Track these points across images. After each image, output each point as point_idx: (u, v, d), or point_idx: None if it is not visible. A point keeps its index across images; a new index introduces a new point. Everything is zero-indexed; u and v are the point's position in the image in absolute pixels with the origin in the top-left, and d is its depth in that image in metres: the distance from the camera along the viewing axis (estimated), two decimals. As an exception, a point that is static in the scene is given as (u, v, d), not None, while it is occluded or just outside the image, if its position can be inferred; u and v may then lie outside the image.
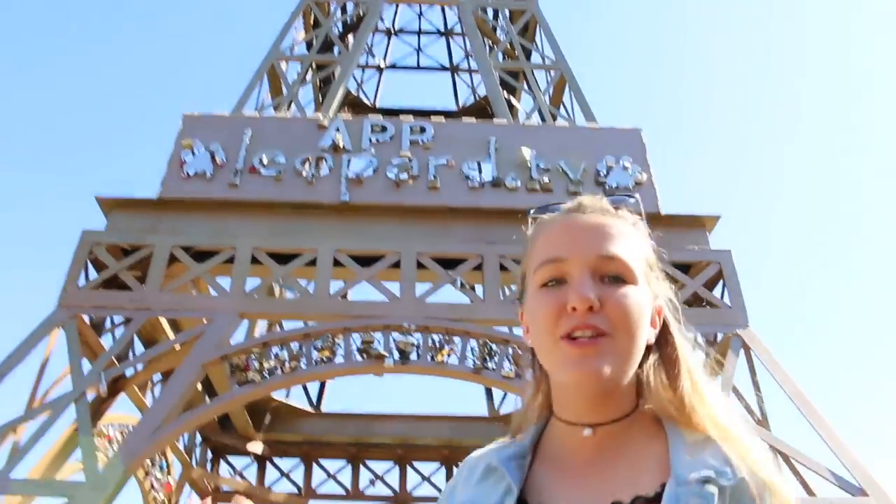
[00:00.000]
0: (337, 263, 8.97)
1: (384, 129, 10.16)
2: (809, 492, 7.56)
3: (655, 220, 8.14)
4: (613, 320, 1.07)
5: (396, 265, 9.01)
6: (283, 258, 9.05)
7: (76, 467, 8.04)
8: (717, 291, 8.82)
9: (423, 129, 10.16)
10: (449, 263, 9.08)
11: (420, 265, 8.98)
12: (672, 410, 1.17)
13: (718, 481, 1.03)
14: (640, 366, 1.15)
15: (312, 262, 8.99)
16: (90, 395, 7.87)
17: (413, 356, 8.31)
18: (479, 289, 9.96)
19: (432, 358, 8.30)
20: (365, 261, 9.06)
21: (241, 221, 9.23)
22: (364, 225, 9.34)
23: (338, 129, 9.95)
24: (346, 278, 10.10)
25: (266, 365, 8.03)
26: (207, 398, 10.97)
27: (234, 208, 9.31)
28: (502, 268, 9.01)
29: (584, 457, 1.16)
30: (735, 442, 1.10)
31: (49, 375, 8.14)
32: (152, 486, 10.51)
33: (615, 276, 1.11)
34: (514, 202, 9.49)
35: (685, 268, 8.98)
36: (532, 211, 1.27)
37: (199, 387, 10.82)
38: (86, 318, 8.40)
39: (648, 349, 1.17)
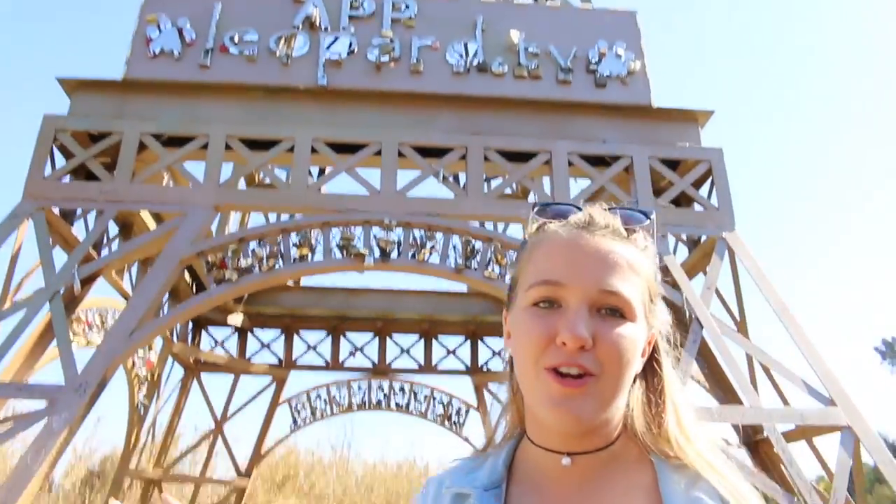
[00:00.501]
0: (314, 152, 8.63)
1: (364, 4, 9.50)
2: (784, 401, 7.72)
3: (646, 113, 7.85)
4: (603, 362, 1.03)
5: (377, 154, 8.68)
6: (258, 145, 8.68)
7: (52, 355, 8.02)
8: (704, 191, 8.62)
9: (406, 6, 9.51)
10: (432, 153, 8.77)
11: (401, 155, 8.66)
12: (659, 444, 1.13)
13: None
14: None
15: (290, 150, 8.63)
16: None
17: (394, 254, 8.17)
18: (461, 177, 9.75)
19: (413, 256, 8.17)
20: (344, 149, 8.72)
21: (213, 106, 8.76)
22: (343, 111, 8.91)
23: (314, 5, 9.29)
24: (323, 166, 9.82)
25: (243, 262, 7.87)
26: (190, 281, 10.93)
27: (206, 91, 8.81)
28: (486, 159, 8.72)
29: (567, 488, 1.12)
30: (724, 479, 1.07)
31: (21, 269, 7.95)
32: (134, 364, 10.60)
33: (613, 309, 1.05)
34: (500, 90, 9.05)
35: (674, 164, 8.73)
36: (535, 209, 1.18)
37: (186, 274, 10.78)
38: (55, 209, 8.11)
39: (635, 378, 1.13)
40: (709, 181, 8.59)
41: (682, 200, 8.73)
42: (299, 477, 27.62)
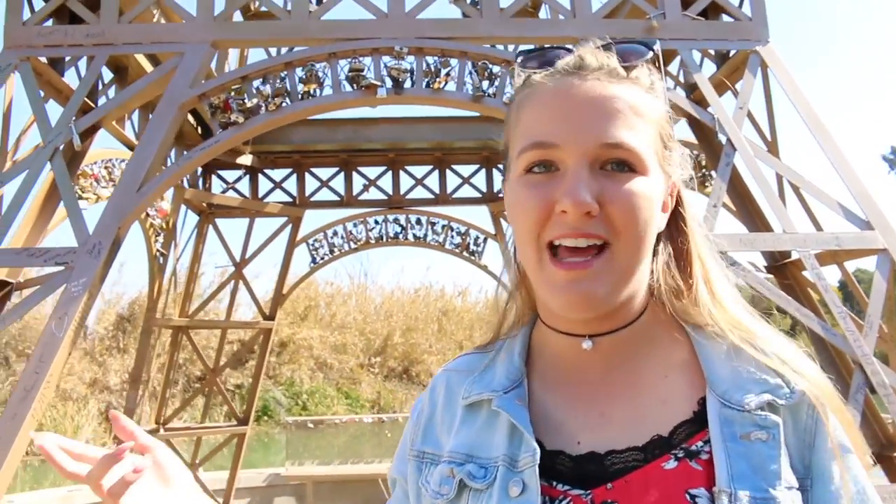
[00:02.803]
0: (313, -25, 7.91)
1: None
2: (817, 226, 7.43)
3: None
4: (617, 224, 0.90)
5: (381, -26, 7.93)
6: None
7: (62, 215, 7.77)
8: (734, 0, 7.91)
9: None
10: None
11: (407, -28, 7.92)
12: (690, 312, 1.01)
13: (777, 402, 0.90)
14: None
15: (285, -26, 7.90)
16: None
17: (407, 84, 7.65)
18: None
19: (428, 85, 7.66)
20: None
21: (198, -71, 7.92)
22: (340, -73, 8.07)
23: None
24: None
25: (248, 103, 7.39)
26: (195, 124, 10.46)
27: (188, -87, 7.95)
28: (500, -27, 7.97)
29: (593, 375, 1.00)
30: (768, 348, 0.95)
31: (16, 127, 7.52)
32: (148, 214, 10.37)
33: (620, 163, 0.91)
34: None
35: (704, -31, 7.96)
36: (518, 59, 1.03)
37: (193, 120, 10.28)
38: (42, 59, 7.53)
39: (659, 237, 1.01)
40: (741, -11, 7.88)
41: (711, 12, 8.04)
42: (320, 308, 28.39)
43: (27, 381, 5.74)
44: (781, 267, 8.03)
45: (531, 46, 1.03)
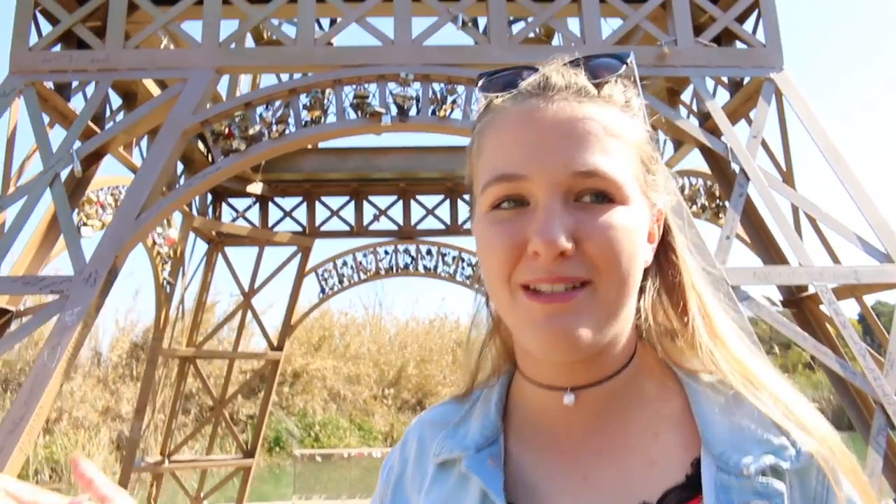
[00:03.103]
0: (321, 1, 7.85)
1: None
2: (834, 259, 7.20)
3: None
4: (596, 262, 0.80)
5: (388, 1, 7.87)
6: (257, -2, 7.89)
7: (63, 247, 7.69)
8: (748, 26, 7.76)
9: None
10: (448, -3, 7.95)
11: (416, 0, 7.86)
12: (684, 356, 0.91)
13: (780, 464, 0.80)
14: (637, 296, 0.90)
15: (293, 0, 7.85)
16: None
17: (412, 111, 7.55)
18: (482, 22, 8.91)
19: (434, 112, 7.54)
20: (351, -4, 7.91)
21: (205, -44, 7.91)
22: (348, -46, 8.03)
23: None
24: (331, 16, 9.04)
25: (251, 130, 7.30)
26: (205, 151, 10.41)
27: (196, -59, 7.94)
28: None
29: (576, 434, 0.90)
30: (773, 397, 0.85)
31: (20, 152, 7.47)
32: (155, 242, 10.29)
33: (597, 193, 0.82)
34: (520, -82, 8.07)
35: (715, -4, 7.84)
36: (479, 83, 0.93)
37: (203, 148, 10.25)
38: (49, 84, 7.51)
39: (645, 272, 0.91)
40: (754, 15, 7.72)
41: (724, 39, 7.89)
42: (334, 338, 28.22)
43: (16, 413, 5.60)
44: (798, 301, 7.78)
45: (492, 70, 0.92)
